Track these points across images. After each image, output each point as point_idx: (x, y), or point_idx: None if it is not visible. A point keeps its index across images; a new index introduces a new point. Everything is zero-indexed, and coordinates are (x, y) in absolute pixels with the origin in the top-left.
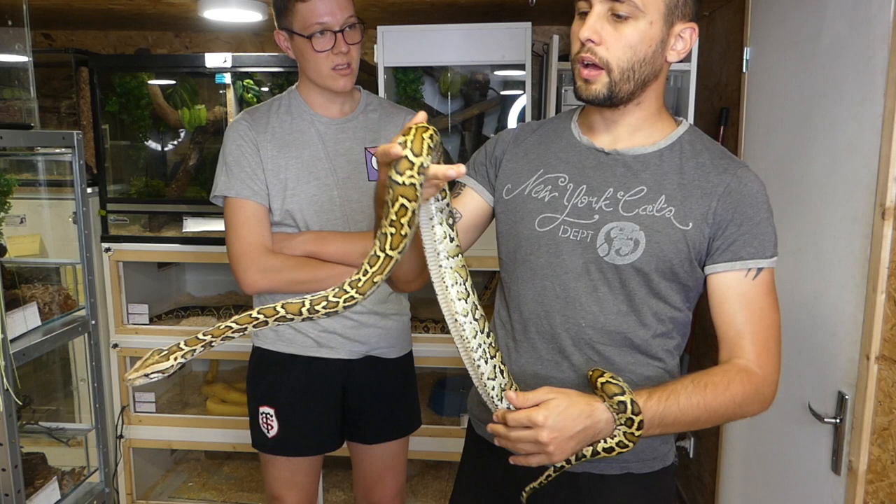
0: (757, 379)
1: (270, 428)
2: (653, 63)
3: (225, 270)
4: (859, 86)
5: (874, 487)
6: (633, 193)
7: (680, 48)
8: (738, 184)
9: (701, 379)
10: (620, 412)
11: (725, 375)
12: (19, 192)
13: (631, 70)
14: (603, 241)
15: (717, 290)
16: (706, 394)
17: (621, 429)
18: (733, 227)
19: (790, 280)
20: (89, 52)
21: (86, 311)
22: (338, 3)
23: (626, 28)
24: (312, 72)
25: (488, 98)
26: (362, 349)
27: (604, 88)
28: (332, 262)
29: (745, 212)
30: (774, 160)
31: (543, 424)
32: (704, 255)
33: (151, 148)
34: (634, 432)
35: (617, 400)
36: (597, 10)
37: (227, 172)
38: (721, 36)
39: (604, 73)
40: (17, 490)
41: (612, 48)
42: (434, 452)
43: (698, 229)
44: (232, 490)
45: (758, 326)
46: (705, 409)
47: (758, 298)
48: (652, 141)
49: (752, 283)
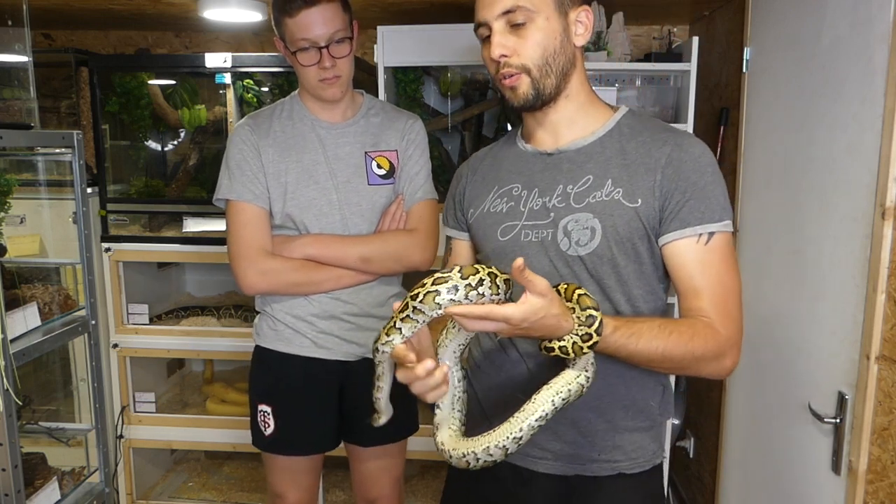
0: (720, 338)
1: (268, 426)
2: (564, 52)
3: (225, 270)
4: (859, 86)
5: (874, 487)
6: (581, 185)
7: (582, 31)
8: (680, 152)
9: (667, 325)
10: (585, 325)
11: (691, 328)
12: (19, 192)
13: (546, 65)
14: (562, 235)
15: (672, 258)
16: (668, 340)
17: (575, 337)
18: (678, 194)
19: (790, 280)
20: (89, 52)
21: (86, 311)
22: (324, 18)
23: (527, 31)
24: (303, 81)
25: (488, 98)
26: (359, 351)
27: (529, 89)
28: (331, 265)
29: (689, 177)
30: (774, 160)
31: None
32: (658, 228)
33: (151, 148)
34: (584, 346)
35: (589, 313)
36: (496, 27)
37: (229, 176)
38: (721, 36)
39: (524, 75)
40: (17, 490)
41: (523, 53)
42: (434, 452)
43: (647, 204)
44: (232, 490)
45: (716, 290)
46: (662, 355)
47: (713, 263)
48: (591, 131)
49: (705, 249)
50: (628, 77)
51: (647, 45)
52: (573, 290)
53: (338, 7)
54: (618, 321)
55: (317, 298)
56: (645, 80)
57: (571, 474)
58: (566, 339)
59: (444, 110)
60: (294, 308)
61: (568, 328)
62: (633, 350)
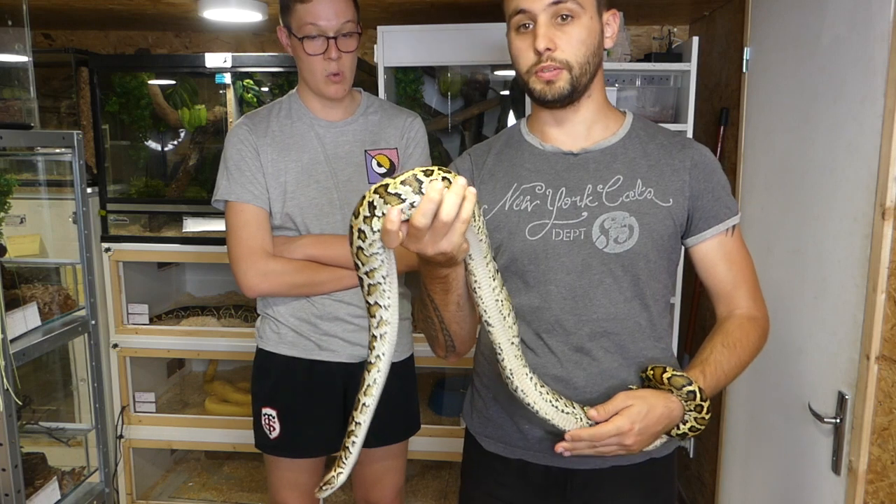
0: (761, 321)
1: (272, 429)
2: (598, 53)
3: (225, 270)
4: (859, 86)
5: (874, 487)
6: (612, 184)
7: (610, 34)
8: (701, 156)
9: (727, 339)
10: (690, 400)
11: (742, 329)
12: (19, 192)
13: (587, 63)
14: (599, 234)
15: (706, 255)
16: (738, 352)
17: (692, 415)
18: (707, 194)
19: (790, 280)
20: (89, 52)
21: (86, 311)
22: (335, 9)
23: (573, 28)
24: (306, 74)
25: (488, 98)
26: (363, 353)
27: (567, 85)
28: (333, 265)
29: (713, 179)
30: (774, 160)
31: (630, 431)
32: (685, 228)
33: (151, 148)
34: (704, 416)
35: (686, 391)
36: (542, 19)
37: (227, 177)
38: (721, 36)
39: (565, 71)
40: (17, 490)
41: (567, 49)
42: (434, 452)
43: (678, 203)
44: (232, 490)
45: (744, 275)
46: (740, 367)
47: (737, 251)
48: (611, 132)
49: (731, 240)
50: (628, 77)
51: (647, 45)
52: (660, 374)
53: (350, 1)
54: (696, 367)
55: (319, 300)
56: (645, 81)
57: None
58: (688, 419)
59: (444, 110)
60: (297, 310)
61: (679, 411)
62: (725, 380)
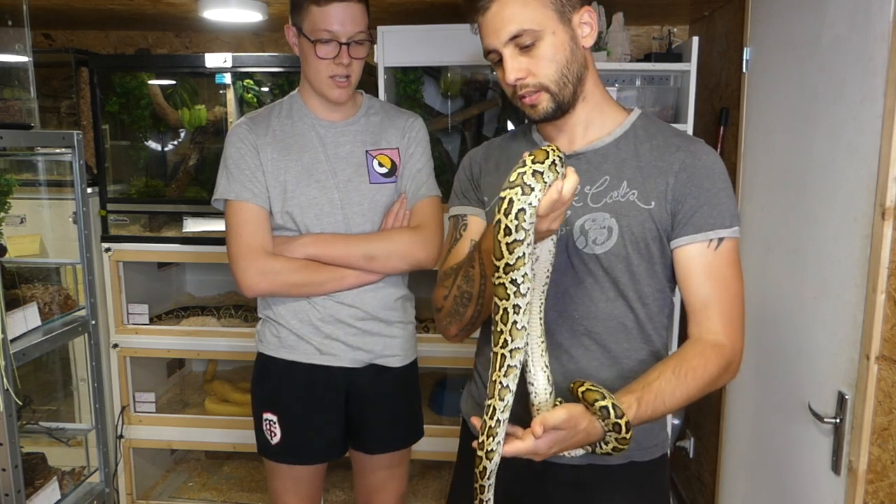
0: (727, 351)
1: (274, 435)
2: (576, 59)
3: (225, 270)
4: (859, 86)
5: (874, 487)
6: (599, 185)
7: (588, 32)
8: (693, 159)
9: (681, 367)
10: (605, 417)
11: (702, 357)
12: (19, 192)
13: (563, 77)
14: (579, 234)
15: (682, 262)
16: (688, 382)
17: (612, 435)
18: (691, 199)
19: (790, 280)
20: (89, 52)
21: (86, 311)
22: (351, 16)
23: (538, 51)
24: (311, 74)
25: (488, 98)
26: (366, 357)
27: (550, 104)
28: (333, 265)
29: (702, 184)
30: (774, 160)
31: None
32: (670, 231)
33: (151, 148)
34: (626, 436)
35: (599, 406)
36: (507, 53)
37: (227, 176)
38: (721, 36)
39: (543, 92)
40: (17, 490)
41: (538, 72)
42: (434, 452)
43: (660, 206)
44: (232, 490)
45: (723, 296)
46: (687, 398)
47: (721, 268)
48: (607, 132)
49: (714, 254)
50: (628, 77)
51: (647, 45)
52: (577, 388)
53: (364, 9)
54: (635, 392)
55: (320, 302)
56: (645, 81)
57: (584, 464)
58: (608, 440)
59: (444, 110)
60: (297, 313)
61: (598, 431)
62: (664, 410)
